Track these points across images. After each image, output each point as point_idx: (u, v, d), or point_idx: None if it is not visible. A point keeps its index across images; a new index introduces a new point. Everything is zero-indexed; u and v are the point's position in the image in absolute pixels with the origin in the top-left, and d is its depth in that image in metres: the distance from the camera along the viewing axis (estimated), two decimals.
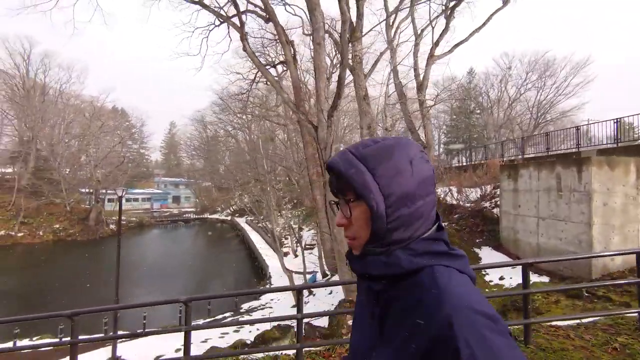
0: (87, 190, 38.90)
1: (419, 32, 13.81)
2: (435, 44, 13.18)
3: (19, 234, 30.44)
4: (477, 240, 10.20)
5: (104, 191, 38.13)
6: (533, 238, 8.67)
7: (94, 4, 10.45)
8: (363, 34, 10.74)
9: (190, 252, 29.60)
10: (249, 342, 7.20)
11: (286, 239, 24.93)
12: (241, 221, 38.70)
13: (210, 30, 14.18)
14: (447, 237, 0.67)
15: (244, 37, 9.71)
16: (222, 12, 12.06)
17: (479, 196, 12.61)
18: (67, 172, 37.86)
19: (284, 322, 7.30)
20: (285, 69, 16.48)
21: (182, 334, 2.81)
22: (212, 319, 13.21)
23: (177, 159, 71.96)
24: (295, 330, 2.97)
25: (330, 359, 3.01)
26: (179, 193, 61.56)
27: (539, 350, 2.52)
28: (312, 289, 14.01)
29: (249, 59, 22.91)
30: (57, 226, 32.81)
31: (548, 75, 29.96)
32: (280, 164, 26.86)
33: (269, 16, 12.57)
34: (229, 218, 45.83)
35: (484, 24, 12.90)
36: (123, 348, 9.18)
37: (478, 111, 36.89)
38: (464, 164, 25.22)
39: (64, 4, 10.02)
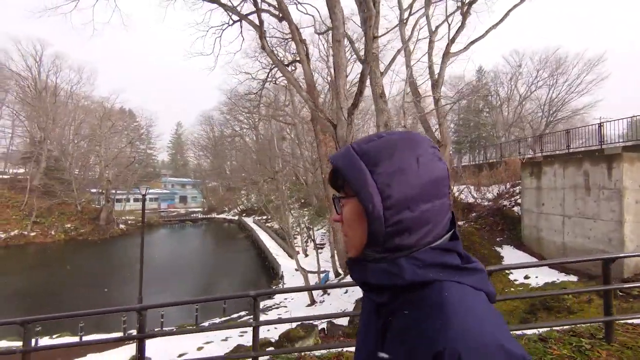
0: (97, 190, 39.32)
1: (434, 29, 13.68)
2: (452, 41, 13.03)
3: (32, 234, 30.83)
4: (498, 239, 10.06)
5: (113, 191, 38.50)
6: (558, 237, 8.52)
7: (112, 5, 10.50)
8: (381, 33, 10.66)
9: (199, 251, 29.74)
10: (273, 340, 7.18)
11: (295, 238, 24.88)
12: (249, 221, 38.81)
13: (223, 30, 14.19)
14: (462, 248, 0.59)
15: (262, 36, 9.68)
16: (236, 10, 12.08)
17: (496, 194, 12.45)
18: (77, 172, 38.29)
19: (308, 321, 7.26)
20: (294, 68, 16.50)
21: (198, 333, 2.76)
22: (228, 317, 13.24)
23: (183, 159, 72.45)
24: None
25: None
26: (186, 193, 61.96)
27: (625, 348, 2.43)
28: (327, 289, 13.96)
29: (258, 59, 22.97)
30: (69, 226, 33.20)
31: (560, 72, 29.55)
32: (290, 162, 26.89)
33: (283, 14, 12.51)
34: (236, 218, 45.99)
35: (501, 20, 12.69)
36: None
37: (487, 109, 36.49)
38: (476, 162, 24.94)
39: (82, 5, 10.09)
